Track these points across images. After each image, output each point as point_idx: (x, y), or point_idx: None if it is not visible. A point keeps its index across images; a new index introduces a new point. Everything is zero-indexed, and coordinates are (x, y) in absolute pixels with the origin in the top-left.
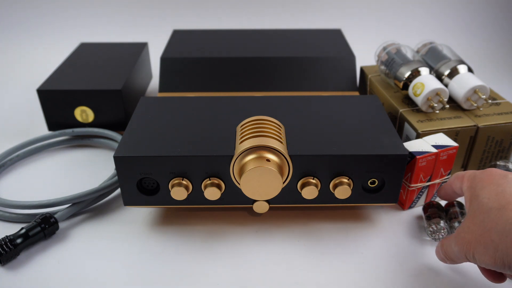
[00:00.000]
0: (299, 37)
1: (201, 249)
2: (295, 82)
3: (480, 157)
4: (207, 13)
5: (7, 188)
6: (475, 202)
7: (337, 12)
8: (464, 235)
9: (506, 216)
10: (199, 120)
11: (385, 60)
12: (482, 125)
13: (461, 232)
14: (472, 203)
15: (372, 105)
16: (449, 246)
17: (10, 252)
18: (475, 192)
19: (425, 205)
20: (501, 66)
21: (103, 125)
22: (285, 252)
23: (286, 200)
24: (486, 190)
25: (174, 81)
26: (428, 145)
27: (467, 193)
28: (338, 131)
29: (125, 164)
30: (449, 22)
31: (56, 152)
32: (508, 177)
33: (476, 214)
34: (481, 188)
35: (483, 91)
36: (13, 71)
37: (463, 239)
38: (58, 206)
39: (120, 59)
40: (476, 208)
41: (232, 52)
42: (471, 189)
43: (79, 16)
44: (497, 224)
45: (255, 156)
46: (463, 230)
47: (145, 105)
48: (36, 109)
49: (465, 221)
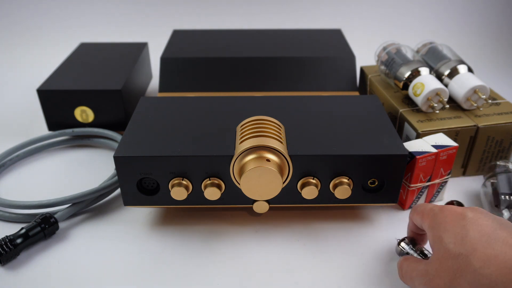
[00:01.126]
0: (299, 37)
1: (201, 249)
2: (295, 82)
3: (480, 157)
4: (207, 13)
5: (7, 188)
6: (441, 245)
7: (337, 12)
8: (433, 278)
9: (475, 265)
10: (199, 120)
11: (385, 60)
12: (482, 125)
13: (429, 275)
14: (436, 245)
15: (372, 105)
16: (410, 279)
17: (10, 252)
18: (438, 234)
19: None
20: (501, 66)
21: (103, 125)
22: (285, 252)
23: (286, 200)
24: (450, 234)
25: (174, 81)
26: (428, 145)
27: (429, 232)
28: (338, 131)
29: (125, 164)
30: (449, 22)
31: (56, 152)
32: (467, 217)
33: (443, 259)
34: (444, 230)
35: (483, 91)
36: (13, 71)
37: (432, 282)
38: (58, 206)
39: (120, 59)
40: (443, 252)
41: (232, 52)
42: (433, 230)
43: (79, 16)
44: (467, 273)
45: (255, 156)
46: (432, 273)
47: (145, 105)
48: (36, 109)
49: (433, 262)
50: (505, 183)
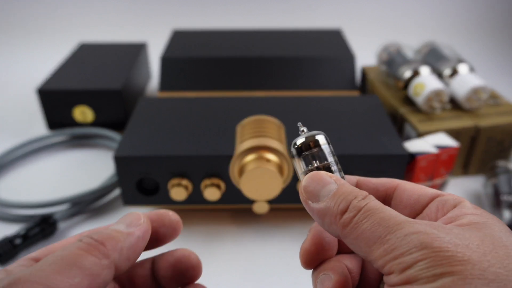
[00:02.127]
0: (299, 37)
1: (201, 249)
2: (295, 82)
3: (480, 157)
4: (207, 12)
5: (7, 188)
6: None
7: (337, 12)
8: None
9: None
10: (199, 120)
11: (386, 60)
12: (482, 125)
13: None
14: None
15: (372, 105)
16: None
17: (9, 252)
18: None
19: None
20: (502, 66)
21: (103, 125)
22: (285, 252)
23: (286, 200)
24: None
25: (174, 80)
26: (428, 145)
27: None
28: (338, 131)
29: (125, 164)
30: (450, 21)
31: (56, 152)
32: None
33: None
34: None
35: (483, 91)
36: (13, 71)
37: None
38: (58, 206)
39: (119, 59)
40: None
41: (232, 52)
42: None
43: (78, 16)
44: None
45: (255, 156)
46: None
47: (145, 105)
48: (35, 109)
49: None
50: (506, 183)
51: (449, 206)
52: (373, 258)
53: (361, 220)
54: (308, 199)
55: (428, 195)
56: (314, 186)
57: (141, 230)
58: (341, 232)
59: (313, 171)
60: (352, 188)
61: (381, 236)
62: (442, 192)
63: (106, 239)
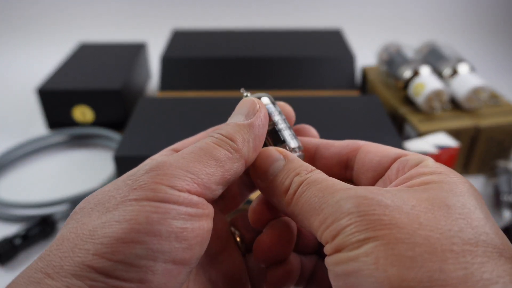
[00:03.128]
0: (299, 37)
1: None
2: (296, 82)
3: (480, 157)
4: (207, 12)
5: (7, 188)
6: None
7: (337, 12)
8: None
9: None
10: (199, 120)
11: (386, 60)
12: (482, 125)
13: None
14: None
15: (372, 105)
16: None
17: (9, 252)
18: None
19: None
20: (502, 66)
21: (103, 125)
22: None
23: None
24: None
25: (174, 80)
26: (428, 145)
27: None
28: (339, 131)
29: (125, 164)
30: (450, 21)
31: (56, 152)
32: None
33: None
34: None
35: (483, 91)
36: (13, 71)
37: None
38: (58, 206)
39: (119, 59)
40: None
41: (232, 52)
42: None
43: (78, 16)
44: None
45: None
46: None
47: (145, 105)
48: (35, 109)
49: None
50: (506, 183)
51: (410, 166)
52: (314, 230)
53: (301, 194)
54: (258, 177)
55: (391, 156)
56: (262, 163)
57: (260, 118)
58: (287, 210)
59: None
60: (299, 163)
61: (317, 206)
62: (406, 152)
63: (233, 134)
